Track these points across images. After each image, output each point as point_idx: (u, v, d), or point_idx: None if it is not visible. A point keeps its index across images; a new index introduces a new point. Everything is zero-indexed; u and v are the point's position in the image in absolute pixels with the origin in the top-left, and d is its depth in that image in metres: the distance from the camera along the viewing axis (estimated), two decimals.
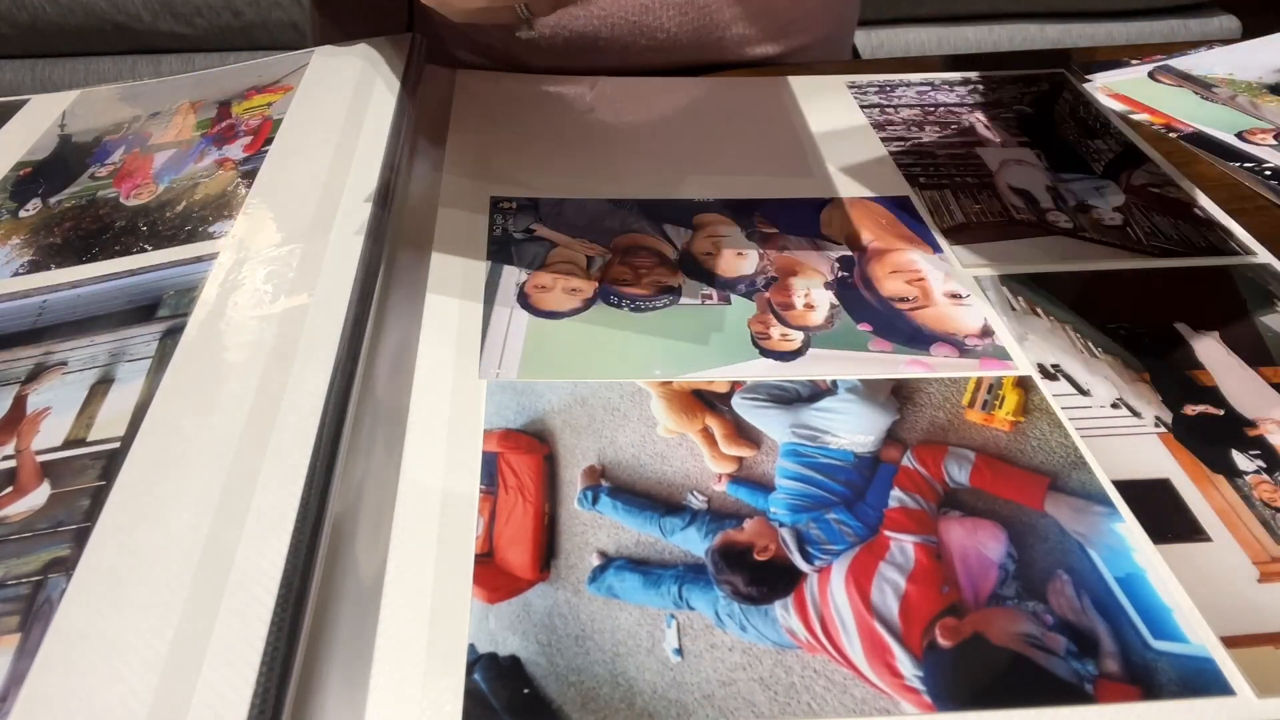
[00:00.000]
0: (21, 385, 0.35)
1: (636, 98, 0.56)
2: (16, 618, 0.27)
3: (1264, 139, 0.53)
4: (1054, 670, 0.27)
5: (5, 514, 0.30)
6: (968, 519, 0.31)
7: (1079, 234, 0.45)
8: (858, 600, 0.29)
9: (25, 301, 0.39)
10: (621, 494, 0.32)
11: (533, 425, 0.35)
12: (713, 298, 0.41)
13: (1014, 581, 0.29)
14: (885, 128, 0.54)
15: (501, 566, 0.30)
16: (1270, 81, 0.58)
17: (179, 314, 0.37)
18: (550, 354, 0.38)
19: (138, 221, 0.44)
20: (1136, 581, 0.29)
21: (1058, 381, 0.37)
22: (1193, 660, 0.27)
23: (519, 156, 0.50)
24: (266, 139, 0.48)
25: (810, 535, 0.31)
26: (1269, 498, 0.32)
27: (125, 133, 0.51)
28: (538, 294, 0.41)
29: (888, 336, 0.39)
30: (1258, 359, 0.38)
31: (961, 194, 0.48)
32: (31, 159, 0.49)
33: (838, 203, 0.47)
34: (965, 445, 0.34)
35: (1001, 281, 0.42)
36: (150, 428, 0.32)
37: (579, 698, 0.27)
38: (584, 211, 0.46)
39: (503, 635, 0.28)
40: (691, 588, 0.29)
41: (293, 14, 1.58)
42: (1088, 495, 0.32)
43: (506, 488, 0.32)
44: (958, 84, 0.58)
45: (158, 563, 0.28)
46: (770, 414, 0.35)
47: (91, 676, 0.25)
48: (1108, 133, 0.53)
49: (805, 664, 0.27)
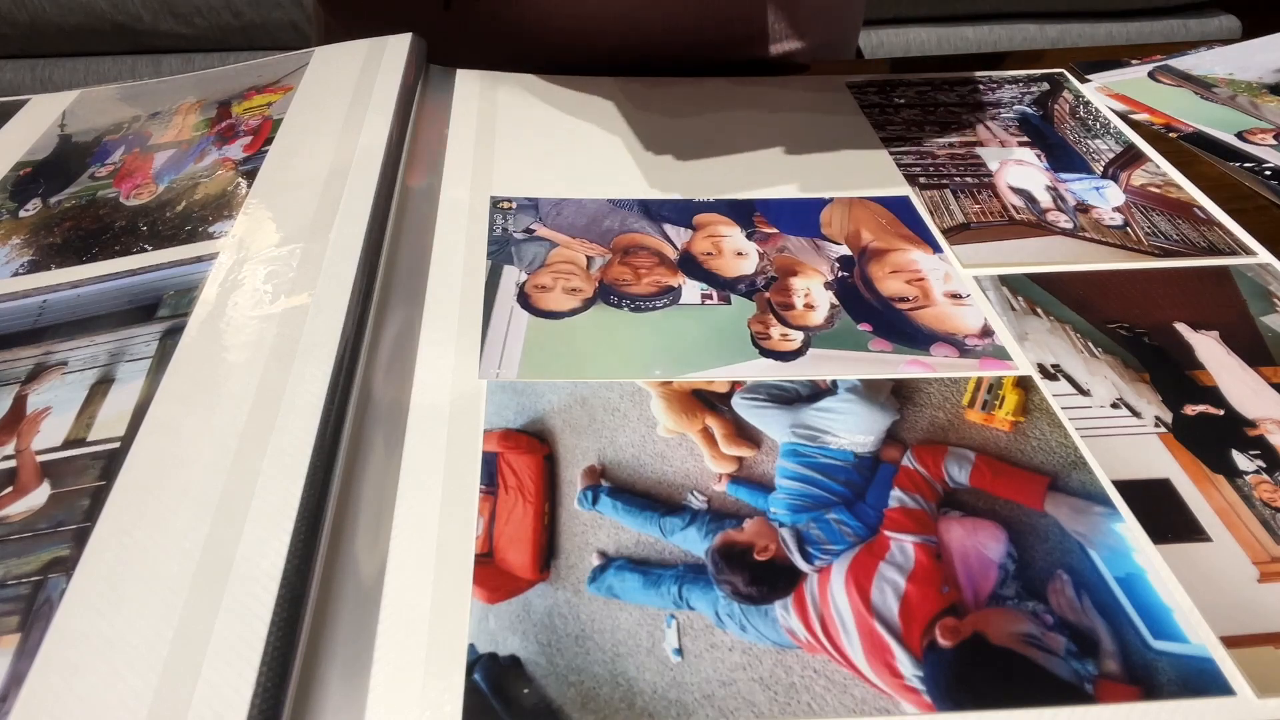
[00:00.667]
0: (21, 385, 0.35)
1: (637, 98, 0.56)
2: (16, 618, 0.27)
3: (1264, 139, 0.53)
4: (1054, 670, 0.27)
5: (5, 514, 0.30)
6: (968, 519, 0.31)
7: (1079, 234, 0.45)
8: (858, 600, 0.29)
9: (25, 301, 0.39)
10: (621, 494, 0.32)
11: (533, 425, 0.35)
12: (713, 298, 0.41)
13: (1014, 581, 0.29)
14: (885, 128, 0.54)
15: (501, 566, 0.30)
16: (1270, 81, 0.58)
17: (179, 314, 0.37)
18: (550, 354, 0.38)
19: (138, 221, 0.44)
20: (1136, 581, 0.29)
21: (1058, 381, 0.37)
22: (1193, 660, 0.27)
23: (519, 156, 0.50)
24: (266, 139, 0.48)
25: (810, 535, 0.31)
26: (1269, 498, 0.32)
27: (125, 133, 0.51)
28: (538, 294, 0.41)
29: (888, 336, 0.39)
30: (1258, 359, 0.38)
31: (961, 194, 0.48)
32: (31, 159, 0.49)
33: (838, 203, 0.47)
34: (965, 445, 0.34)
35: (1001, 281, 0.42)
36: (150, 428, 0.32)
37: (579, 698, 0.27)
38: (584, 211, 0.46)
39: (503, 635, 0.28)
40: (691, 588, 0.29)
41: (293, 14, 1.58)
42: (1088, 495, 0.32)
43: (506, 488, 0.32)
44: (958, 84, 0.58)
45: (158, 563, 0.28)
46: (770, 414, 0.35)
47: (91, 676, 0.25)
48: (1108, 133, 0.53)
49: (805, 664, 0.27)
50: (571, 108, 0.55)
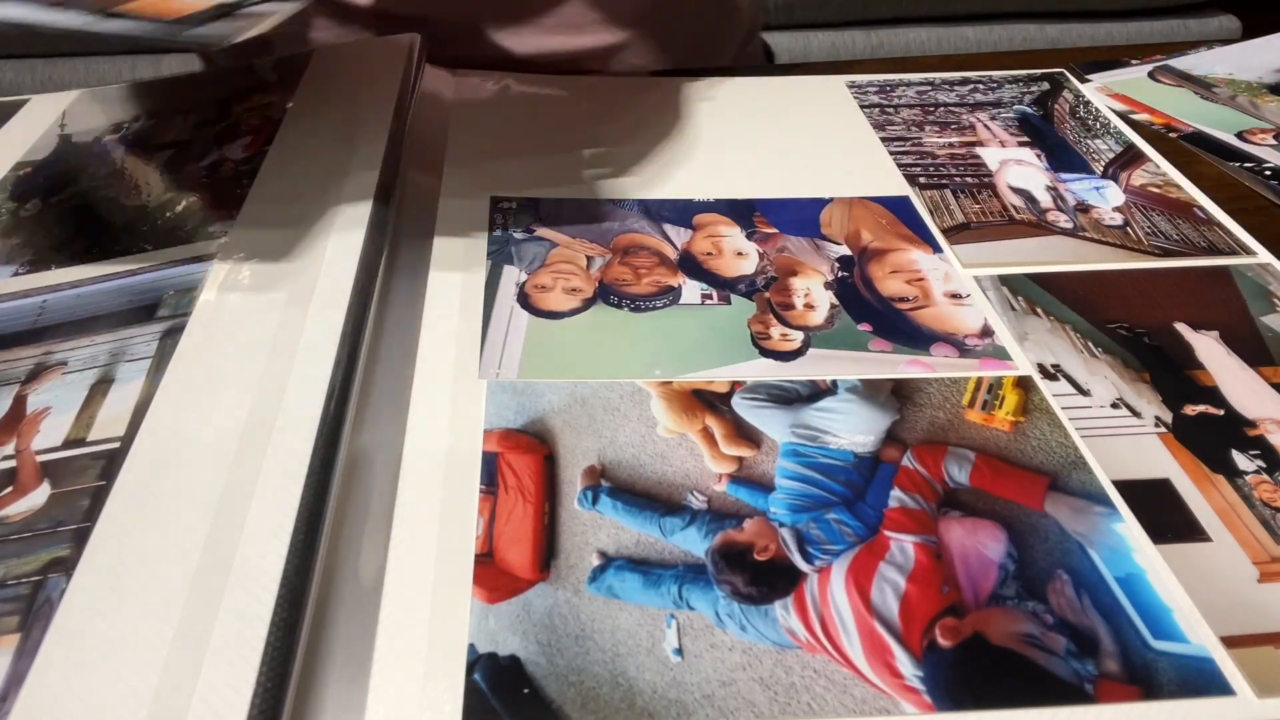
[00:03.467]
0: (21, 385, 0.35)
1: (637, 96, 0.56)
2: (16, 618, 0.27)
3: (1264, 139, 0.53)
4: (1054, 670, 0.27)
5: (5, 514, 0.30)
6: (968, 519, 0.31)
7: (1079, 234, 0.45)
8: (858, 600, 0.29)
9: (25, 301, 0.39)
10: (621, 494, 0.32)
11: (533, 425, 0.35)
12: (713, 298, 0.41)
13: (1014, 581, 0.29)
14: (885, 128, 0.54)
15: (501, 566, 0.30)
16: (1270, 81, 0.58)
17: (179, 314, 0.37)
18: (550, 354, 0.38)
19: (138, 221, 0.44)
20: (1136, 581, 0.29)
21: (1058, 381, 0.37)
22: (1193, 660, 0.27)
23: (519, 156, 0.50)
24: (266, 139, 0.48)
25: (810, 535, 0.31)
26: (1269, 498, 0.32)
27: (125, 133, 0.51)
28: (537, 294, 0.41)
29: (888, 336, 0.39)
30: (1258, 359, 0.38)
31: (961, 194, 0.48)
32: (31, 159, 0.49)
33: (838, 203, 0.47)
34: (965, 445, 0.34)
35: (1001, 281, 0.42)
36: (150, 428, 0.32)
37: (579, 698, 0.27)
38: (584, 211, 0.46)
39: (503, 635, 0.28)
40: (691, 588, 0.29)
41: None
42: (1088, 495, 0.32)
43: (506, 488, 0.32)
44: (958, 84, 0.58)
45: (158, 563, 0.28)
46: (770, 414, 0.35)
47: (91, 676, 0.25)
48: (1108, 133, 0.53)
49: (805, 664, 0.27)
50: (571, 107, 0.55)
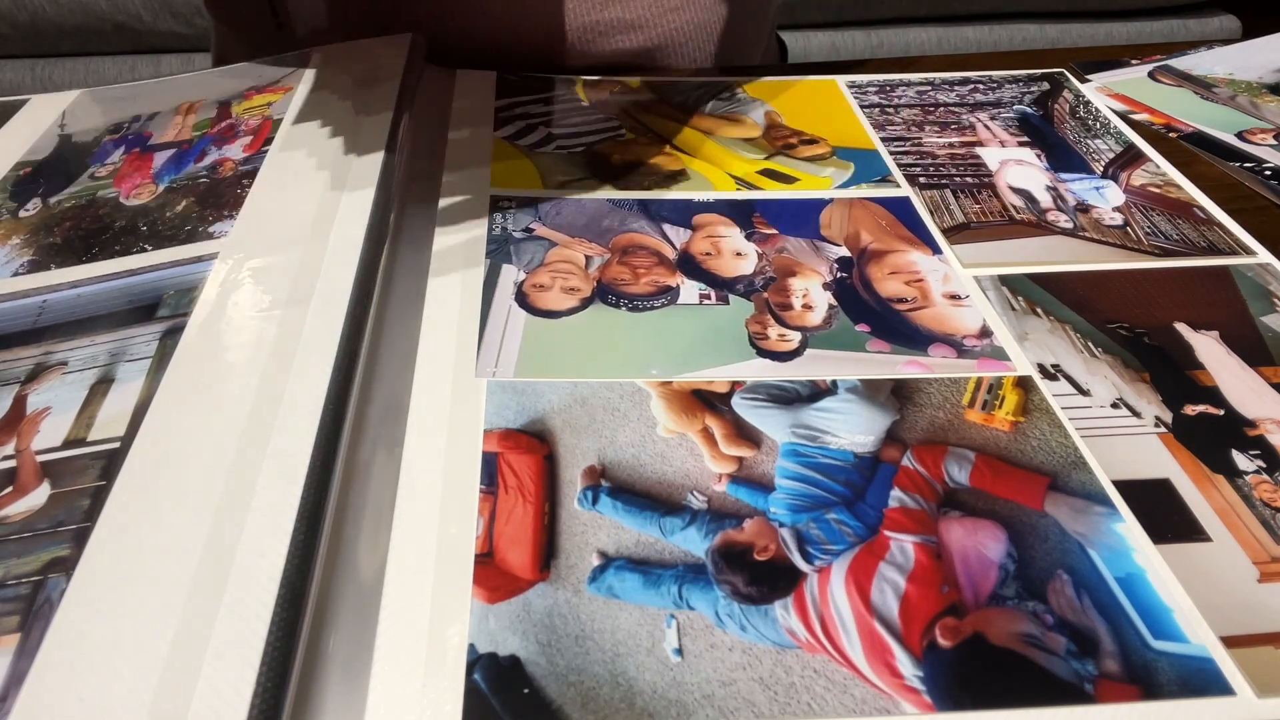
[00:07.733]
0: (21, 385, 0.35)
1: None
2: (16, 618, 0.27)
3: (1264, 139, 0.53)
4: (1054, 670, 0.27)
5: (5, 514, 0.30)
6: (968, 519, 0.31)
7: (1079, 234, 0.45)
8: (858, 600, 0.29)
9: (25, 301, 0.39)
10: (621, 494, 0.32)
11: (533, 425, 0.35)
12: (711, 298, 0.41)
13: (1014, 581, 0.29)
14: (885, 128, 0.54)
15: (501, 566, 0.30)
16: (1270, 81, 0.58)
17: (179, 314, 0.37)
18: (547, 353, 0.38)
19: (138, 221, 0.44)
20: (1136, 581, 0.29)
21: (1058, 381, 0.37)
22: (1193, 660, 0.27)
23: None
24: (266, 139, 0.48)
25: (810, 535, 0.31)
26: (1269, 498, 0.32)
27: (125, 133, 0.51)
28: (536, 293, 0.41)
29: (886, 337, 0.39)
30: (1258, 359, 0.38)
31: (961, 194, 0.48)
32: (31, 159, 0.49)
33: (838, 203, 0.47)
34: (965, 445, 0.34)
35: (1001, 281, 0.42)
36: (150, 428, 0.32)
37: (579, 698, 0.27)
38: (583, 211, 0.46)
39: (503, 635, 0.28)
40: (691, 588, 0.29)
41: None
42: (1088, 495, 0.32)
43: (506, 488, 0.32)
44: (958, 84, 0.58)
45: (158, 563, 0.28)
46: (770, 414, 0.35)
47: (91, 676, 0.25)
48: (1108, 133, 0.53)
49: (805, 664, 0.27)
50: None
